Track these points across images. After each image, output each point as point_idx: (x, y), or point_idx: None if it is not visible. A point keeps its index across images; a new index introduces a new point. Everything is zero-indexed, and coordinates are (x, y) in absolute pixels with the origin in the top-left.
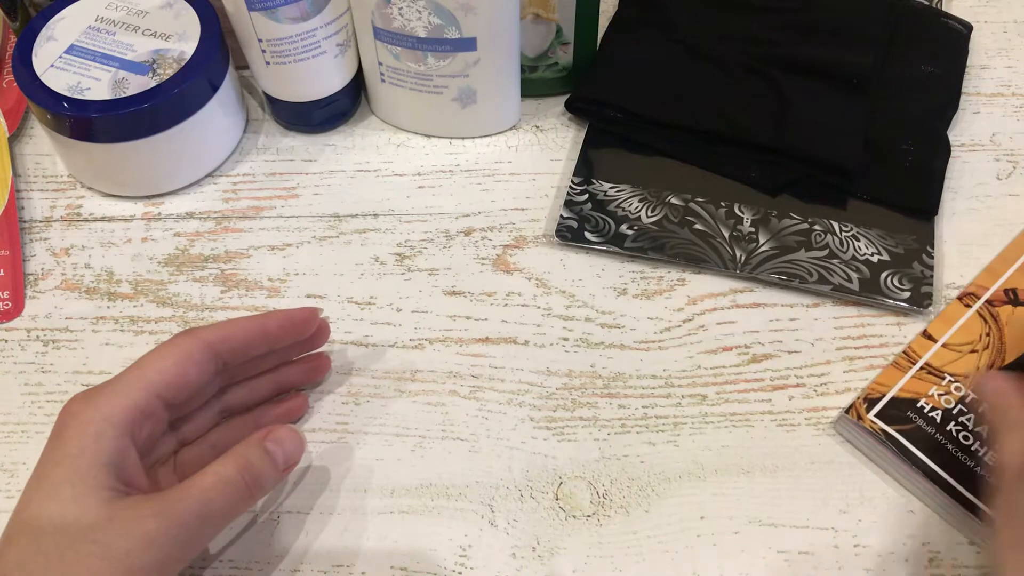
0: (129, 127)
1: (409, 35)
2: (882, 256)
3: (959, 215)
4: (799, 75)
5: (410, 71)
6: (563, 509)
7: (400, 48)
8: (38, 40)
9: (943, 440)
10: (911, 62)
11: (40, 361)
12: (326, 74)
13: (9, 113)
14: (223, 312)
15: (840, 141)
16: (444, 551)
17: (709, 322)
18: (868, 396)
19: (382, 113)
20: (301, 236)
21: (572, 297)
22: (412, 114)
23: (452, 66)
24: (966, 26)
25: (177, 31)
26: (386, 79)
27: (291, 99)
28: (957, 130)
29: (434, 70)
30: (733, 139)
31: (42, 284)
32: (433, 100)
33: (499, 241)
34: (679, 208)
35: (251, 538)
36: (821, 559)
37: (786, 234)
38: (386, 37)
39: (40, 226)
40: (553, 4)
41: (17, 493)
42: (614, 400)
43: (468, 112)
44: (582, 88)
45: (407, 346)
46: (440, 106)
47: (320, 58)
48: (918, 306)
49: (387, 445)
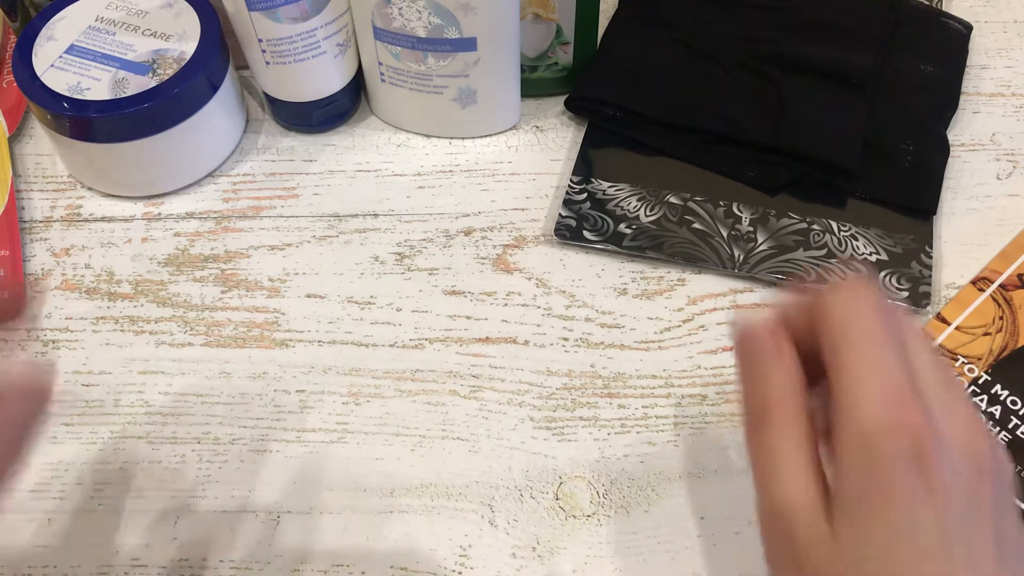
0: (129, 127)
1: (409, 35)
2: (880, 256)
3: (959, 215)
4: (798, 74)
5: (410, 71)
6: (563, 509)
7: (400, 48)
8: (38, 40)
9: None
10: (911, 62)
11: (40, 361)
12: (326, 74)
13: (9, 113)
14: (223, 312)
15: (839, 141)
16: (444, 551)
17: (709, 322)
18: None
19: (382, 113)
20: (301, 236)
21: (572, 297)
22: (412, 114)
23: (452, 66)
24: (966, 26)
25: (177, 31)
26: (386, 79)
27: (291, 99)
28: (957, 130)
29: (434, 70)
30: (732, 138)
31: (42, 284)
32: (433, 100)
33: (499, 241)
34: (678, 207)
35: (251, 538)
36: None
37: (784, 233)
38: (386, 37)
39: (40, 226)
40: (553, 4)
41: (18, 493)
42: (614, 400)
43: (468, 112)
44: (582, 86)
45: (407, 346)
46: (440, 106)
47: (320, 58)
48: (916, 306)
49: (387, 445)
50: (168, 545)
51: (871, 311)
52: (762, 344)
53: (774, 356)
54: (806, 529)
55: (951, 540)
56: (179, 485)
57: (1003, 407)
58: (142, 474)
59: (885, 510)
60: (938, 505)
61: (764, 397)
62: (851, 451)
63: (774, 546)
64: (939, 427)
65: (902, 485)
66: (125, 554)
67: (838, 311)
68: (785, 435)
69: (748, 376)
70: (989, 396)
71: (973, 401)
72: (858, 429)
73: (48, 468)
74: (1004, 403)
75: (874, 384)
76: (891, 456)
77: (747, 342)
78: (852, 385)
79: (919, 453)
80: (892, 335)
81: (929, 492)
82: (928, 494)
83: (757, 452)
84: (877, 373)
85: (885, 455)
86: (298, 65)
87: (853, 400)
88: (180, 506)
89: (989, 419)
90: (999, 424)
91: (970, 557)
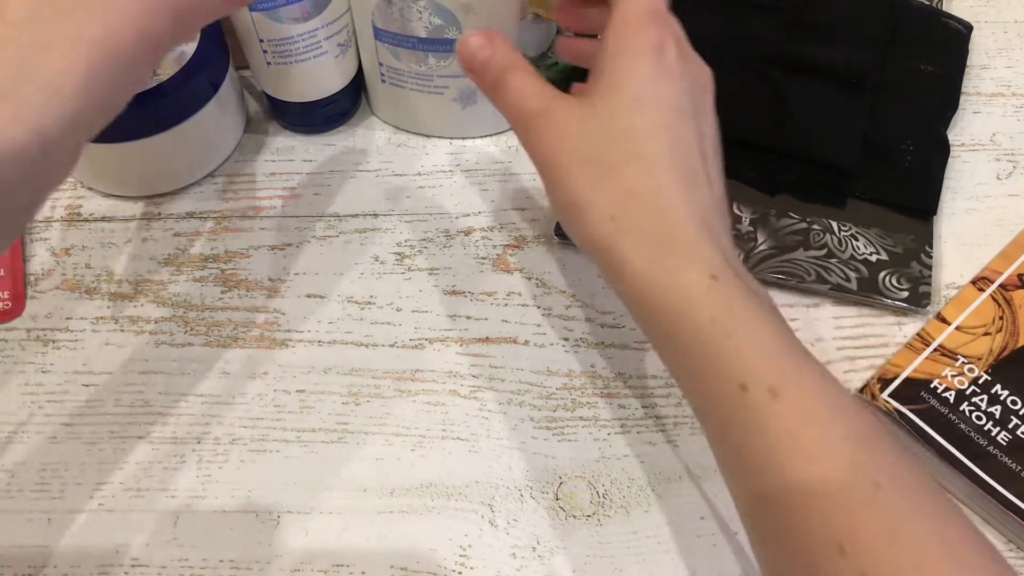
0: (129, 127)
1: (410, 35)
2: (880, 256)
3: (959, 215)
4: (798, 74)
5: (411, 71)
6: (563, 509)
7: (401, 48)
8: None
9: (956, 420)
10: (911, 62)
11: (40, 361)
12: (327, 74)
13: None
14: (223, 312)
15: (839, 140)
16: (444, 551)
17: None
18: (882, 376)
19: (382, 113)
20: (301, 236)
21: (572, 297)
22: (412, 114)
23: (453, 66)
24: (966, 26)
25: None
26: (386, 79)
27: (292, 99)
28: (957, 130)
29: (435, 70)
30: (732, 138)
31: (42, 284)
32: (434, 100)
33: (499, 241)
34: None
35: (251, 538)
36: None
37: (784, 233)
38: (387, 38)
39: (40, 226)
40: (553, 4)
41: (18, 493)
42: (614, 400)
43: (468, 112)
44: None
45: (407, 346)
46: (440, 106)
47: (321, 58)
48: (916, 306)
49: (387, 445)
50: (168, 545)
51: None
52: (477, 42)
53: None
54: (557, 104)
55: (677, 111)
56: (179, 485)
57: (1003, 407)
58: (142, 474)
59: (634, 74)
60: (671, 84)
61: (498, 63)
62: (614, 34)
63: (527, 137)
64: (681, 37)
65: (649, 59)
66: (125, 554)
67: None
68: (522, 75)
69: (477, 66)
70: (989, 396)
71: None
72: (623, 19)
73: (48, 468)
74: (1004, 403)
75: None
76: (644, 39)
77: (464, 50)
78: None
79: (663, 45)
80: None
81: (668, 73)
82: (666, 74)
83: (506, 95)
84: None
85: (640, 38)
86: (299, 65)
87: (622, 25)
88: (180, 506)
89: (989, 419)
90: (999, 424)
91: (686, 127)
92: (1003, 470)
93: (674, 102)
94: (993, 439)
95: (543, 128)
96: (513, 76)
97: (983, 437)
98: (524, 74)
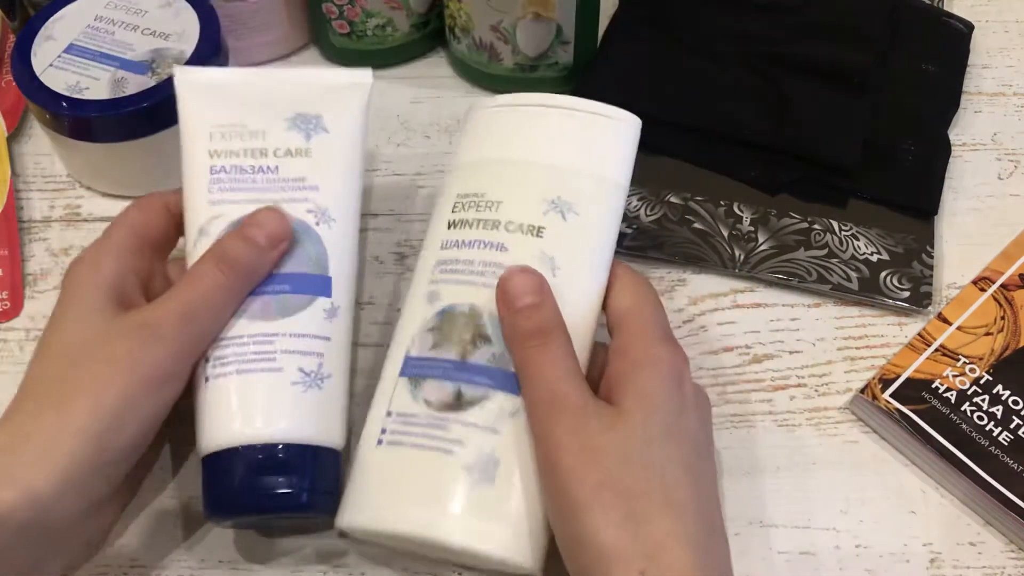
0: (129, 127)
1: None
2: (881, 256)
3: (960, 215)
4: (799, 74)
5: None
6: None
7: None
8: (37, 39)
9: (958, 420)
10: (912, 61)
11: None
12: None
13: (8, 113)
14: None
15: (840, 140)
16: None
17: (710, 322)
18: (883, 376)
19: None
20: None
21: None
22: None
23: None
24: (967, 25)
25: (176, 30)
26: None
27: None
28: (958, 129)
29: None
30: (733, 138)
31: (41, 284)
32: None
33: None
34: (678, 207)
35: (251, 538)
36: (822, 560)
37: (785, 233)
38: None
39: (39, 226)
40: (553, 3)
41: None
42: None
43: None
44: (582, 86)
45: None
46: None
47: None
48: (917, 306)
49: None
50: (168, 545)
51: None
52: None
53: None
54: (593, 405)
55: (695, 448)
56: (179, 485)
57: (1004, 407)
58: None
59: (661, 403)
60: (693, 419)
61: (547, 319)
62: (641, 360)
63: (554, 426)
64: (687, 370)
65: (674, 389)
66: (125, 554)
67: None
68: (565, 347)
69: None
70: (991, 396)
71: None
72: (643, 331)
73: None
74: (1006, 403)
75: (657, 331)
76: (666, 362)
77: (512, 286)
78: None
79: (682, 377)
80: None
81: (684, 398)
82: (684, 400)
83: (542, 358)
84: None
85: (664, 360)
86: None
87: (644, 339)
88: (180, 506)
89: (991, 419)
90: (1001, 424)
91: (705, 465)
92: (1004, 470)
93: (695, 437)
94: (994, 439)
95: (575, 430)
96: (556, 341)
97: (984, 437)
98: (568, 346)
